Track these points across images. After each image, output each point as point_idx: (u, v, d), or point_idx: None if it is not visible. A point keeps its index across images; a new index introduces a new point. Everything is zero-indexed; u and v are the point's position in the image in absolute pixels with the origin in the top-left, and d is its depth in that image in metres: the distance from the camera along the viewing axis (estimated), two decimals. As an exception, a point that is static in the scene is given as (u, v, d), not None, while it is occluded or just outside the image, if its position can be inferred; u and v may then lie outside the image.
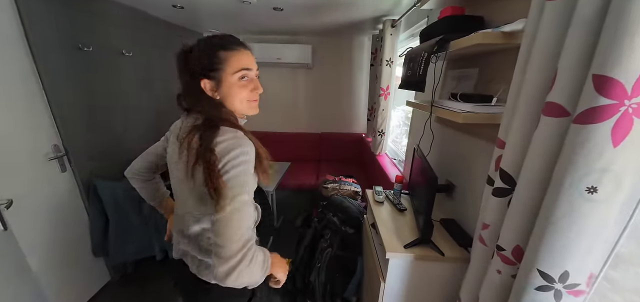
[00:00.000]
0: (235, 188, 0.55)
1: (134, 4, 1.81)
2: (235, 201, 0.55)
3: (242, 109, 0.66)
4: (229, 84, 0.62)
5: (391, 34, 1.96)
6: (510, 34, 0.65)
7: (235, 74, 0.62)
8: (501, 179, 0.66)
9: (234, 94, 0.63)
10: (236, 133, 0.60)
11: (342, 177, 2.15)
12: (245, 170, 0.57)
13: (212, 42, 0.62)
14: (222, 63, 0.61)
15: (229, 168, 0.55)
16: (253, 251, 0.58)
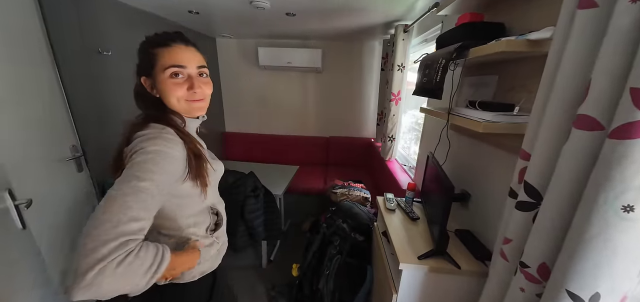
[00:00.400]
0: (135, 170, 0.48)
1: (153, 10, 1.86)
2: (129, 183, 0.46)
3: (181, 108, 0.63)
4: (161, 81, 0.59)
5: (403, 39, 1.94)
6: (537, 42, 0.63)
7: (166, 71, 0.59)
8: (526, 193, 0.63)
9: (168, 92, 0.60)
10: (163, 129, 0.57)
11: (350, 183, 2.13)
12: (154, 159, 0.51)
13: (148, 39, 0.61)
14: (154, 59, 0.59)
15: (135, 154, 0.51)
16: (128, 250, 0.43)
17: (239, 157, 3.20)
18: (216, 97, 3.09)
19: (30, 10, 1.18)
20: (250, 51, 2.94)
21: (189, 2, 1.72)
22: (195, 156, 0.61)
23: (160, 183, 0.51)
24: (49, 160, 1.29)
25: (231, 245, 1.71)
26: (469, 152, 1.13)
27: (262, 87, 3.11)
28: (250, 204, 1.64)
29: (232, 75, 3.10)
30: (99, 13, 1.50)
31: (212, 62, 2.95)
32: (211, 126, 2.99)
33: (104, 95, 1.59)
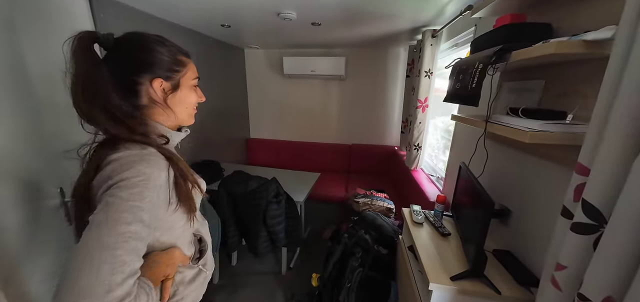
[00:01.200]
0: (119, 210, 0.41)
1: (189, 25, 2.02)
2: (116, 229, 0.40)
3: (183, 117, 0.60)
4: (187, 88, 0.58)
5: (431, 45, 1.87)
6: (594, 43, 0.56)
7: (192, 81, 0.59)
8: (584, 213, 0.55)
9: (187, 99, 0.59)
10: (143, 149, 0.49)
11: (373, 192, 2.07)
12: (141, 193, 0.44)
13: (171, 43, 0.58)
14: (182, 66, 0.57)
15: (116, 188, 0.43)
16: None
17: (262, 162, 3.28)
18: (243, 105, 3.23)
19: (89, 27, 1.34)
20: (275, 61, 3.04)
21: (221, 17, 1.83)
22: (183, 177, 0.53)
23: (150, 221, 0.45)
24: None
25: (253, 249, 1.75)
26: (510, 163, 1.03)
27: (286, 95, 3.19)
28: (272, 210, 1.66)
29: (258, 84, 3.22)
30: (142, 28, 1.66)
31: (240, 72, 3.10)
32: (237, 133, 3.12)
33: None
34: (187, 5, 1.58)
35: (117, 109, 0.49)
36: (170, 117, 0.57)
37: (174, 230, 0.55)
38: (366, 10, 1.59)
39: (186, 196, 0.54)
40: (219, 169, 2.22)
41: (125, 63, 0.52)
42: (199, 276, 0.62)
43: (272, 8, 1.59)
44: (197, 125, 2.47)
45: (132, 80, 0.52)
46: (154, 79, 0.53)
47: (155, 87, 0.53)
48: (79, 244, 0.39)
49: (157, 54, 0.54)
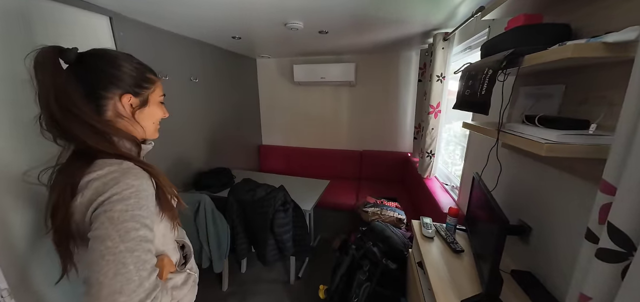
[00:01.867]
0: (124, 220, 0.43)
1: (202, 37, 2.11)
2: (129, 236, 0.42)
3: (150, 131, 0.61)
4: (155, 104, 0.61)
5: (443, 48, 1.80)
6: (617, 45, 0.50)
7: (160, 97, 0.63)
8: (611, 238, 0.48)
9: (155, 114, 0.61)
10: (121, 164, 0.49)
11: (384, 201, 2.00)
12: (137, 203, 0.46)
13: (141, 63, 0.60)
14: (152, 84, 0.60)
15: (109, 204, 0.43)
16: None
17: (273, 169, 3.32)
18: (254, 112, 3.30)
19: (110, 45, 1.45)
20: (286, 69, 3.09)
21: (232, 29, 1.90)
22: (164, 185, 0.55)
23: (152, 225, 0.48)
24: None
25: (261, 257, 1.76)
26: (529, 175, 0.94)
27: (296, 102, 3.22)
28: (279, 218, 1.66)
29: (269, 92, 3.29)
30: (157, 43, 1.75)
31: (252, 81, 3.18)
32: (249, 140, 3.19)
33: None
34: (199, 20, 1.65)
35: (96, 121, 0.50)
36: (138, 131, 0.58)
37: (159, 238, 0.57)
38: (374, 16, 1.57)
39: (168, 206, 0.56)
40: (230, 176, 2.27)
41: (94, 77, 0.52)
42: (188, 279, 0.65)
43: (279, 19, 1.62)
44: (210, 133, 2.56)
45: (100, 94, 0.52)
46: (123, 95, 0.54)
47: (124, 102, 0.54)
48: (93, 258, 0.41)
49: (127, 70, 0.55)
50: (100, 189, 0.45)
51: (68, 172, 0.48)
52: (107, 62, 0.53)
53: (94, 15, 1.37)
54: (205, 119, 2.31)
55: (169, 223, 0.58)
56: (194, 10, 1.48)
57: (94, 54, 0.54)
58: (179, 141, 2.01)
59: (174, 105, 1.95)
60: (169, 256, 0.59)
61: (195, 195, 1.63)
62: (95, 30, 1.39)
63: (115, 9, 1.44)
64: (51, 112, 0.47)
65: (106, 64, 0.53)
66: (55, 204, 0.48)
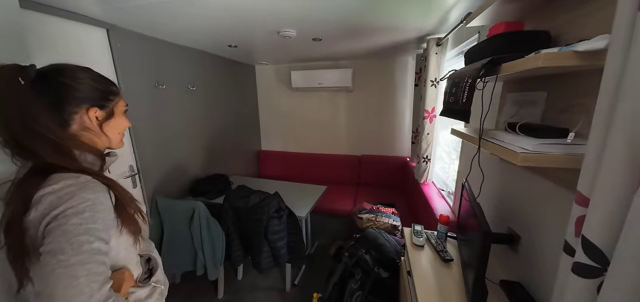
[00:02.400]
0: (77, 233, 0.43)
1: (200, 46, 2.15)
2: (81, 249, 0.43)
3: (115, 142, 0.62)
4: (120, 115, 0.62)
5: (436, 53, 1.80)
6: (587, 53, 0.49)
7: (123, 108, 0.63)
8: (585, 252, 0.47)
9: (120, 126, 0.62)
10: (78, 177, 0.48)
11: (380, 207, 1.99)
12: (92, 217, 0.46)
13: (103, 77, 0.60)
14: (115, 96, 0.60)
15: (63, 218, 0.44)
16: None
17: (272, 174, 3.33)
18: (254, 118, 3.33)
19: (105, 54, 1.49)
20: (284, 75, 3.12)
21: (228, 38, 1.93)
22: (124, 199, 0.56)
23: (108, 239, 0.48)
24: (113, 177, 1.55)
25: (256, 265, 1.76)
26: (518, 183, 0.93)
27: (295, 108, 3.24)
28: (273, 225, 1.66)
29: (268, 98, 3.32)
30: (154, 53, 1.80)
31: (251, 87, 3.22)
32: (249, 145, 3.22)
33: (158, 122, 1.86)
34: (194, 31, 1.69)
35: (59, 137, 0.50)
36: (104, 142, 0.60)
37: (120, 252, 0.57)
38: (366, 23, 1.58)
39: (129, 219, 0.56)
40: (227, 182, 2.29)
41: (59, 93, 0.52)
42: (154, 292, 0.65)
43: (272, 28, 1.65)
44: (208, 140, 2.58)
45: (66, 109, 0.52)
46: (90, 108, 0.55)
47: (91, 115, 0.55)
48: (45, 272, 0.41)
49: (91, 83, 0.56)
50: (55, 203, 0.45)
51: (23, 187, 0.48)
52: (69, 77, 0.53)
53: (91, 28, 1.42)
54: (203, 126, 2.34)
55: (130, 237, 0.58)
56: (188, 22, 1.52)
57: (55, 69, 0.53)
58: (176, 148, 2.05)
59: (171, 114, 1.98)
60: (130, 270, 0.59)
61: (190, 202, 1.65)
62: (91, 42, 1.43)
63: (112, 22, 1.48)
64: (11, 130, 0.47)
65: (69, 78, 0.53)
66: (9, 219, 0.47)
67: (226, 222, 1.76)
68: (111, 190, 0.53)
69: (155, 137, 1.83)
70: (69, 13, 1.29)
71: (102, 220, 0.48)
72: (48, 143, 0.48)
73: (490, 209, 1.08)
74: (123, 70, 1.57)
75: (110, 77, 1.48)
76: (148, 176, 1.76)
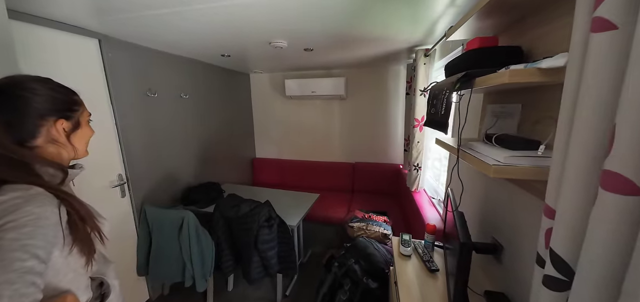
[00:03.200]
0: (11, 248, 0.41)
1: (192, 55, 2.17)
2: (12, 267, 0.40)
3: (81, 152, 0.62)
4: (85, 125, 0.62)
5: (425, 64, 1.83)
6: (550, 70, 0.51)
7: (88, 117, 0.63)
8: (553, 264, 0.48)
9: (87, 136, 0.62)
10: (29, 189, 0.47)
11: (372, 215, 1.98)
12: (32, 232, 0.43)
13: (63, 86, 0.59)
14: (79, 105, 0.60)
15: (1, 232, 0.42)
16: None
17: (266, 182, 3.33)
18: (248, 126, 3.35)
19: (95, 62, 1.50)
20: (278, 83, 3.15)
21: (221, 48, 1.96)
22: (80, 219, 0.53)
23: (46, 257, 0.45)
24: (101, 187, 1.54)
25: (246, 275, 1.73)
26: (499, 193, 0.94)
27: (289, 115, 3.26)
28: (263, 235, 1.65)
29: (263, 106, 3.34)
30: (146, 61, 1.81)
31: (246, 95, 3.25)
32: (243, 153, 3.22)
33: (149, 130, 1.86)
34: (188, 41, 1.71)
35: (13, 152, 0.49)
36: (70, 153, 0.59)
37: (67, 273, 0.52)
38: (354, 35, 1.61)
39: (84, 238, 0.53)
40: (219, 191, 2.27)
41: (15, 106, 0.50)
42: None
43: (263, 39, 1.67)
44: (200, 149, 2.56)
45: (27, 122, 0.51)
46: (57, 120, 0.55)
47: (58, 127, 0.55)
48: None
49: (51, 94, 0.55)
50: None
51: None
52: (26, 89, 0.52)
53: (82, 39, 1.43)
54: (196, 134, 2.34)
55: (82, 257, 0.54)
56: (180, 34, 1.54)
57: (10, 82, 0.51)
58: (168, 157, 2.04)
59: (163, 122, 1.99)
60: (74, 295, 0.54)
61: (180, 211, 1.63)
62: (81, 52, 1.43)
63: (104, 32, 1.50)
64: None
65: (25, 91, 0.52)
66: None
67: (216, 231, 1.75)
68: (65, 204, 0.51)
69: (146, 145, 1.83)
70: (60, 24, 1.30)
71: (43, 236, 0.45)
72: (2, 160, 0.48)
73: (475, 219, 1.09)
74: (114, 79, 1.58)
75: (100, 85, 1.53)
76: (138, 185, 1.75)
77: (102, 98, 1.54)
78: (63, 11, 1.20)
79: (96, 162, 1.50)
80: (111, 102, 1.58)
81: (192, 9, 1.16)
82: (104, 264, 0.66)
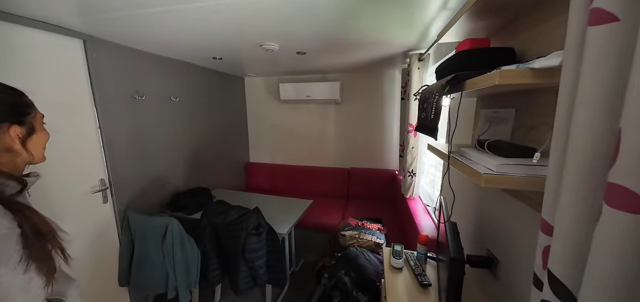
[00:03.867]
0: None
1: (183, 57, 2.13)
2: None
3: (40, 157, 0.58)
4: (40, 129, 0.58)
5: (418, 68, 1.80)
6: (543, 71, 0.46)
7: (41, 119, 0.59)
8: (552, 289, 0.42)
9: (44, 140, 0.59)
10: None
11: (365, 223, 1.92)
12: None
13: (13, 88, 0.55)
14: (31, 108, 0.56)
15: None
16: None
17: (260, 187, 3.26)
18: (242, 130, 3.29)
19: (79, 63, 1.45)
20: (273, 87, 3.12)
21: (212, 50, 1.92)
22: (36, 231, 0.48)
23: None
24: (81, 192, 1.47)
25: (233, 286, 1.66)
26: (494, 203, 0.88)
27: (284, 120, 3.22)
28: (251, 243, 1.58)
29: (257, 110, 3.30)
30: (133, 63, 1.76)
31: (240, 99, 3.20)
32: (237, 157, 3.16)
33: (136, 134, 1.80)
34: (177, 42, 1.67)
35: None
36: (25, 159, 0.55)
37: (18, 296, 0.47)
38: (347, 39, 1.58)
39: (41, 255, 0.49)
40: (209, 196, 2.21)
41: None
42: None
43: (254, 41, 1.63)
44: (190, 153, 2.49)
45: None
46: (10, 127, 0.51)
47: (12, 134, 0.52)
48: None
49: (4, 98, 0.52)
50: None
51: None
52: None
53: (66, 39, 1.38)
54: (186, 138, 2.29)
55: (40, 277, 0.49)
56: (169, 35, 1.50)
57: None
58: (156, 161, 1.98)
59: (151, 125, 1.93)
60: None
61: (164, 218, 1.57)
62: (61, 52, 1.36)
63: (89, 32, 1.45)
64: None
65: None
66: None
67: (203, 239, 1.68)
68: (19, 217, 0.47)
69: (132, 149, 1.77)
70: (42, 23, 1.26)
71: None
72: None
73: (469, 229, 1.04)
74: (98, 81, 1.53)
75: (84, 87, 1.48)
76: (121, 190, 1.68)
77: (85, 100, 1.49)
78: (45, 10, 1.15)
79: (75, 167, 1.44)
80: (95, 104, 1.52)
81: (187, 7, 1.11)
82: (65, 283, 0.61)
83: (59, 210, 1.37)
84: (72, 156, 1.42)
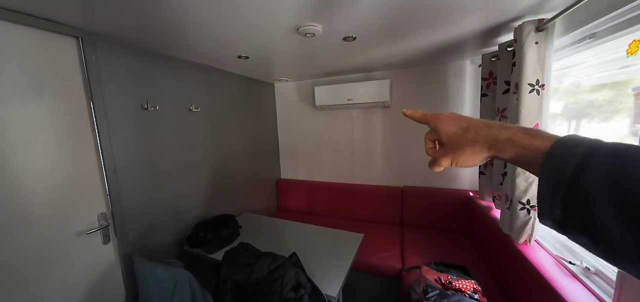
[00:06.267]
0: None
1: (204, 61, 1.79)
2: None
3: None
4: None
5: (537, 43, 1.16)
6: None
7: None
8: None
9: None
10: None
11: (452, 278, 1.29)
12: None
13: None
14: None
15: None
16: None
17: (293, 208, 2.81)
18: (273, 143, 2.89)
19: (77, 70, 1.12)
20: (307, 93, 2.68)
21: (236, 48, 1.54)
22: None
23: None
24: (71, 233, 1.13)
25: None
26: None
27: (320, 129, 2.74)
28: (289, 312, 1.08)
29: (289, 120, 2.88)
30: (143, 67, 1.42)
31: (270, 108, 2.82)
32: (266, 175, 2.74)
33: (147, 153, 1.46)
34: (195, 37, 1.30)
35: None
36: None
37: None
38: (419, 6, 1.04)
39: None
40: (235, 227, 1.78)
41: None
42: None
43: (290, 22, 1.18)
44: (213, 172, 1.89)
45: None
46: None
47: None
48: None
49: None
50: None
51: None
52: None
53: (58, 37, 1.07)
54: (208, 155, 1.92)
55: None
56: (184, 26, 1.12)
57: None
58: (171, 186, 1.62)
59: (166, 142, 1.58)
60: None
61: (173, 270, 1.15)
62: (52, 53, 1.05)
63: (88, 28, 1.13)
64: None
65: None
66: None
67: (224, 296, 1.22)
68: None
69: (141, 173, 1.42)
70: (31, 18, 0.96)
71: None
72: None
73: None
74: (98, 89, 1.20)
75: (81, 96, 1.14)
76: (128, 225, 1.33)
77: (80, 114, 1.16)
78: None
79: (66, 199, 1.10)
80: (94, 118, 1.19)
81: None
82: None
83: (44, 254, 1.03)
84: (63, 186, 1.09)
